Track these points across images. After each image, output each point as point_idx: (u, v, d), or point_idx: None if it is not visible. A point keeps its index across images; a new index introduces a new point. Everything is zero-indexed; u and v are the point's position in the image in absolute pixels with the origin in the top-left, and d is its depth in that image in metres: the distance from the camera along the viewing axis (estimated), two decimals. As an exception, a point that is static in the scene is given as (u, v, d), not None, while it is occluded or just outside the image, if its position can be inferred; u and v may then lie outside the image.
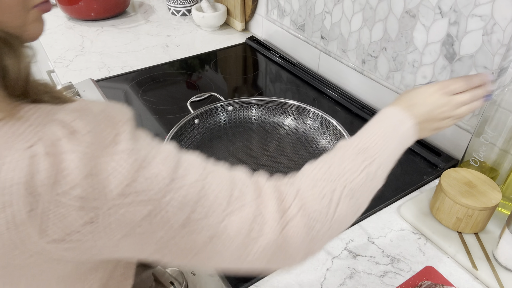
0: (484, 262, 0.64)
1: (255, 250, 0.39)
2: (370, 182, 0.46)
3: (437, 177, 0.83)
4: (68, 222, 0.32)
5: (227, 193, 0.38)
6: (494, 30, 0.72)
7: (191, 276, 0.62)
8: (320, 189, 0.43)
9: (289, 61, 1.21)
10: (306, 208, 0.41)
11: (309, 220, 0.41)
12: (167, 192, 0.35)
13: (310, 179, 0.44)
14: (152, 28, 1.45)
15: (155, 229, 0.35)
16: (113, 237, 0.34)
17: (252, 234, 0.39)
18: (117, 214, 0.33)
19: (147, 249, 0.36)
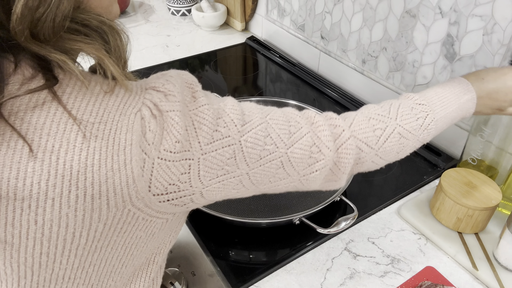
0: (484, 262, 0.64)
1: (316, 167, 0.46)
2: (420, 132, 0.52)
3: (437, 177, 0.83)
4: (168, 176, 0.37)
5: (285, 126, 0.45)
6: (494, 30, 0.72)
7: (191, 276, 0.62)
8: (375, 122, 0.50)
9: (289, 61, 1.21)
10: (358, 134, 0.49)
11: (359, 142, 0.48)
12: (242, 134, 0.41)
13: (366, 114, 0.51)
14: (152, 28, 1.45)
15: (239, 164, 0.41)
16: (206, 179, 0.40)
17: (314, 155, 0.46)
18: (208, 159, 0.39)
19: (229, 186, 0.42)
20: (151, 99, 0.37)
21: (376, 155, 0.50)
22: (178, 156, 0.37)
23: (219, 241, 0.68)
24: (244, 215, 0.72)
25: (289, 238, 0.69)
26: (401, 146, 0.51)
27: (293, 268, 0.65)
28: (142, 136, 0.35)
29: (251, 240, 0.69)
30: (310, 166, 0.46)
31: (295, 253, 0.66)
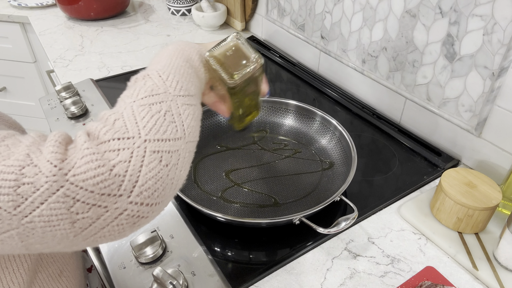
0: (484, 262, 0.64)
1: (38, 201, 0.33)
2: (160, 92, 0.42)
3: (437, 177, 0.83)
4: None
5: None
6: (494, 30, 0.71)
7: (191, 276, 0.62)
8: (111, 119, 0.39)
9: (289, 61, 1.21)
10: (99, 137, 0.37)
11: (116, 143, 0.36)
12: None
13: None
14: (152, 28, 1.45)
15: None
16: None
17: (25, 180, 0.32)
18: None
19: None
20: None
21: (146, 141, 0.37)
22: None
23: (219, 241, 0.68)
24: (244, 215, 0.72)
25: (289, 238, 0.69)
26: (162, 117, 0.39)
27: (293, 268, 0.65)
28: None
29: (251, 240, 0.69)
30: (26, 200, 0.32)
31: (295, 253, 0.66)
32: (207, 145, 0.87)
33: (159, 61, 0.46)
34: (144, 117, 0.38)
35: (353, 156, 0.76)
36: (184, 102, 0.42)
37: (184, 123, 0.40)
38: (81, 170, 0.33)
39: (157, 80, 0.42)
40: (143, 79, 0.43)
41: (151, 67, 0.46)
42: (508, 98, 0.73)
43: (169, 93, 0.41)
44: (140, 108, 0.38)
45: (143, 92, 0.40)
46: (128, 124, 0.37)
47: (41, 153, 0.33)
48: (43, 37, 1.36)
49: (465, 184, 0.69)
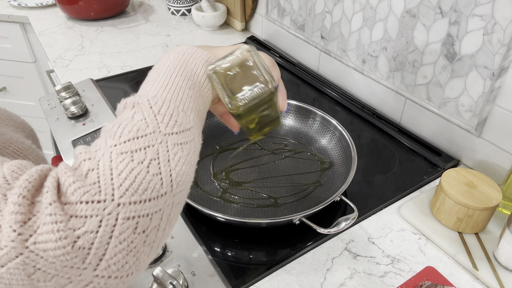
0: (484, 262, 0.64)
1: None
2: (150, 127, 0.35)
3: (437, 177, 0.83)
4: None
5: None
6: (494, 30, 0.71)
7: (191, 276, 0.62)
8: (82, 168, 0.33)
9: (289, 61, 1.21)
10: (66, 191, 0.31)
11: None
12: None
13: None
14: (152, 28, 1.45)
15: None
16: None
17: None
18: None
19: None
20: None
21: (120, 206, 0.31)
22: None
23: (219, 241, 0.68)
24: (244, 215, 0.72)
25: (289, 238, 0.69)
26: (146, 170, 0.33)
27: (293, 268, 0.65)
28: None
29: (251, 240, 0.69)
30: None
31: (295, 253, 0.66)
32: (207, 145, 0.87)
33: (155, 80, 0.40)
34: (122, 172, 0.31)
35: (353, 156, 0.76)
36: (177, 142, 0.35)
37: (173, 172, 0.34)
38: (42, 238, 0.29)
39: (147, 113, 0.36)
40: (132, 109, 0.37)
41: (145, 88, 0.40)
42: (508, 98, 0.73)
43: (159, 131, 0.35)
44: (119, 158, 0.32)
45: (127, 132, 0.34)
46: (102, 181, 0.31)
47: (3, 209, 0.29)
48: (43, 37, 1.36)
49: (465, 184, 0.69)
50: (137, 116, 0.35)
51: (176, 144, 0.35)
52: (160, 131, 0.35)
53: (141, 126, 0.35)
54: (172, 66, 0.41)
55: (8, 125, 0.52)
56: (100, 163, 0.32)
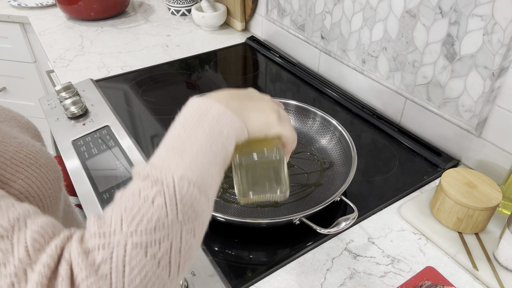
0: (484, 263, 0.64)
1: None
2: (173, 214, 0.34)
3: (437, 177, 0.83)
4: None
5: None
6: (494, 30, 0.71)
7: (191, 276, 0.62)
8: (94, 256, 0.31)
9: (289, 61, 1.21)
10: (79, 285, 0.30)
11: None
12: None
13: (99, 237, 0.32)
14: (152, 28, 1.45)
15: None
16: None
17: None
18: None
19: None
20: None
21: None
22: None
23: (219, 241, 0.68)
24: (244, 215, 0.72)
25: (289, 238, 0.69)
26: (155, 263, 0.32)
27: (293, 268, 0.65)
28: None
29: (251, 240, 0.69)
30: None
31: (295, 253, 0.66)
32: (207, 145, 0.87)
33: (184, 151, 0.36)
34: (134, 268, 0.31)
35: (353, 156, 0.76)
36: (191, 229, 0.35)
37: (181, 259, 0.34)
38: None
39: (169, 199, 0.33)
40: (155, 186, 0.34)
41: (170, 157, 0.36)
42: (508, 98, 0.73)
43: (177, 220, 0.33)
44: (134, 252, 0.31)
45: (146, 221, 0.32)
46: (114, 277, 0.30)
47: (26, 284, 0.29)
48: (43, 37, 1.36)
49: (465, 184, 0.69)
50: (158, 200, 0.33)
51: (190, 231, 0.34)
52: (178, 220, 0.33)
53: (160, 215, 0.33)
54: (205, 138, 0.38)
55: (13, 125, 0.52)
56: (113, 255, 0.31)
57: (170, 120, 0.41)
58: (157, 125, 0.95)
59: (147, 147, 0.88)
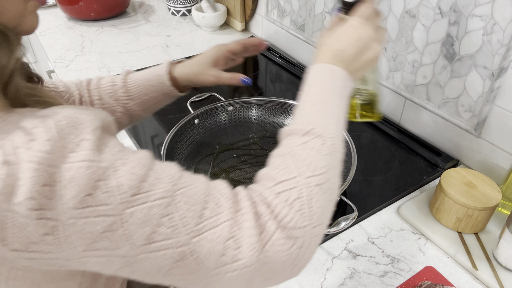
0: (484, 262, 0.64)
1: (233, 267, 0.36)
2: (328, 159, 0.42)
3: (437, 177, 0.83)
4: (27, 233, 0.31)
5: (198, 207, 0.36)
6: (494, 30, 0.72)
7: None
8: (286, 195, 0.39)
9: (289, 61, 1.21)
10: (282, 220, 0.37)
11: (288, 232, 0.37)
12: (128, 206, 0.33)
13: (273, 186, 0.40)
14: (152, 28, 1.45)
15: (118, 244, 0.33)
16: (75, 249, 0.33)
17: (230, 252, 0.36)
18: (76, 226, 0.32)
19: (112, 265, 0.35)
20: (12, 143, 0.31)
21: (313, 228, 0.39)
22: (34, 214, 0.31)
23: (219, 241, 0.68)
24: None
25: (289, 238, 0.69)
26: (328, 193, 0.41)
27: (293, 268, 0.65)
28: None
29: (251, 240, 0.69)
30: (225, 266, 0.35)
31: (295, 253, 0.66)
32: (207, 145, 0.87)
33: (327, 113, 0.46)
34: (318, 201, 0.40)
35: (353, 156, 0.76)
36: (340, 167, 0.45)
37: (336, 191, 0.43)
38: (271, 253, 0.37)
39: (331, 147, 0.43)
40: (316, 139, 0.43)
41: (322, 121, 0.45)
42: (507, 98, 0.73)
43: (337, 163, 0.44)
44: (315, 190, 0.40)
45: (320, 166, 0.41)
46: (305, 210, 0.38)
47: (240, 226, 0.37)
48: (43, 37, 1.36)
49: (465, 184, 0.69)
50: (324, 149, 0.42)
51: (339, 170, 0.44)
52: (337, 162, 0.44)
53: (330, 161, 0.42)
54: (337, 99, 0.47)
55: None
56: (302, 194, 0.39)
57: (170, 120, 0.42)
58: (157, 125, 0.95)
59: (147, 147, 0.88)
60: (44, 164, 0.31)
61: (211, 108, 0.90)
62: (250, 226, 0.36)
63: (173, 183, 0.36)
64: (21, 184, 0.30)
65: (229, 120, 0.92)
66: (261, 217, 0.37)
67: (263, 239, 0.36)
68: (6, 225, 0.31)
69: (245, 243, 0.36)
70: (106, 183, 0.33)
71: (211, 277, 0.36)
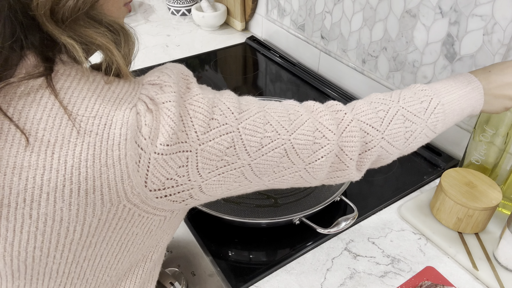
0: (484, 262, 0.64)
1: (321, 153, 0.45)
2: (427, 116, 0.51)
3: (437, 177, 0.83)
4: (165, 170, 0.37)
5: (285, 114, 0.44)
6: (494, 30, 0.71)
7: (191, 276, 0.62)
8: (377, 105, 0.49)
9: (289, 61, 1.21)
10: (360, 116, 0.48)
11: (363, 124, 0.47)
12: (240, 121, 0.40)
13: (368, 100, 0.51)
14: (152, 28, 1.45)
15: (239, 155, 0.40)
16: (203, 174, 0.39)
17: (318, 140, 0.45)
18: (206, 149, 0.38)
19: (230, 178, 0.41)
20: (147, 93, 0.37)
21: (383, 139, 0.48)
22: (174, 148, 0.36)
23: (219, 241, 0.68)
24: (244, 215, 0.72)
25: (289, 238, 0.69)
26: (408, 130, 0.50)
27: (293, 268, 0.65)
28: (138, 131, 0.35)
29: (251, 240, 0.69)
30: (315, 153, 0.45)
31: (295, 253, 0.66)
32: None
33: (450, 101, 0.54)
34: (395, 124, 0.49)
35: (353, 156, 0.76)
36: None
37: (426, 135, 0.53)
38: (347, 139, 0.47)
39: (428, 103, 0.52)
40: (421, 99, 0.52)
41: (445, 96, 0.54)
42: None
43: None
44: (395, 121, 0.49)
45: (408, 111, 0.50)
46: (384, 122, 0.49)
47: (322, 120, 0.46)
48: (43, 37, 1.36)
49: (465, 184, 0.69)
50: (423, 105, 0.52)
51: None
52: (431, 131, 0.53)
53: (421, 116, 0.51)
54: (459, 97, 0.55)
55: None
56: (390, 112, 0.50)
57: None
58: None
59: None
60: (178, 102, 0.37)
61: (211, 108, 0.90)
62: (328, 118, 0.46)
63: (259, 102, 0.44)
64: (164, 124, 0.36)
65: (229, 120, 0.92)
66: (339, 112, 0.48)
67: (341, 127, 0.46)
68: (149, 167, 0.36)
69: (326, 131, 0.45)
70: (219, 107, 0.40)
71: (306, 165, 0.45)
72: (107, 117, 0.34)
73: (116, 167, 0.34)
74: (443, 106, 0.52)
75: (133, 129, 0.35)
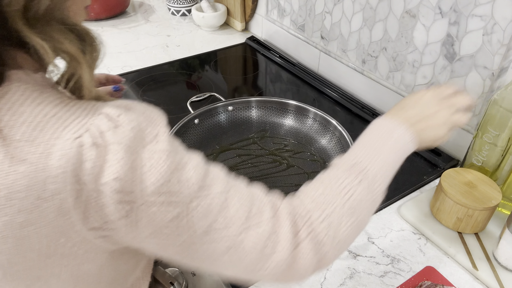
0: (484, 262, 0.64)
1: (267, 265, 0.40)
2: (368, 196, 0.45)
3: (437, 177, 0.83)
4: (107, 211, 0.33)
5: (246, 208, 0.39)
6: (494, 30, 0.72)
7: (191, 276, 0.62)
8: (323, 213, 0.43)
9: (289, 61, 1.21)
10: (314, 232, 0.42)
11: (316, 244, 0.42)
12: (195, 198, 0.36)
13: (313, 202, 0.44)
14: (152, 28, 1.45)
15: (180, 232, 0.36)
16: (142, 233, 0.35)
17: (266, 250, 0.39)
18: (149, 211, 0.34)
19: (169, 249, 0.38)
20: (99, 126, 0.33)
21: (335, 249, 0.43)
22: (117, 196, 0.33)
23: (219, 241, 0.68)
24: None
25: (289, 238, 0.69)
26: (357, 223, 0.45)
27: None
28: (79, 164, 0.32)
29: (251, 240, 0.69)
30: (260, 263, 0.40)
31: (295, 253, 0.66)
32: (207, 145, 0.87)
33: (377, 159, 0.48)
34: (344, 225, 0.43)
35: (353, 156, 0.76)
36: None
37: (371, 210, 0.47)
38: (302, 254, 0.41)
39: (368, 190, 0.46)
40: (357, 178, 0.45)
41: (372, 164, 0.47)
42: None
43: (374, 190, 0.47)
44: (345, 219, 0.43)
45: (351, 200, 0.44)
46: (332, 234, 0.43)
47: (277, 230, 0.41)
48: (43, 37, 1.36)
49: (465, 184, 0.69)
50: (361, 187, 0.45)
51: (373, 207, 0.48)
52: (375, 203, 0.47)
53: (363, 198, 0.45)
54: (387, 153, 0.49)
55: None
56: (334, 219, 0.43)
57: (170, 120, 0.42)
58: (157, 125, 0.95)
59: (147, 147, 0.88)
60: (130, 148, 0.33)
61: (211, 108, 0.90)
62: (286, 231, 0.41)
63: (226, 182, 0.40)
64: (109, 166, 0.32)
65: (229, 120, 0.92)
66: (296, 223, 0.42)
67: (295, 242, 0.41)
68: (91, 205, 0.33)
69: (280, 244, 0.40)
70: (179, 174, 0.36)
71: (250, 270, 0.40)
72: (46, 145, 0.31)
73: (55, 201, 0.32)
74: (377, 175, 0.47)
75: (73, 162, 0.32)
